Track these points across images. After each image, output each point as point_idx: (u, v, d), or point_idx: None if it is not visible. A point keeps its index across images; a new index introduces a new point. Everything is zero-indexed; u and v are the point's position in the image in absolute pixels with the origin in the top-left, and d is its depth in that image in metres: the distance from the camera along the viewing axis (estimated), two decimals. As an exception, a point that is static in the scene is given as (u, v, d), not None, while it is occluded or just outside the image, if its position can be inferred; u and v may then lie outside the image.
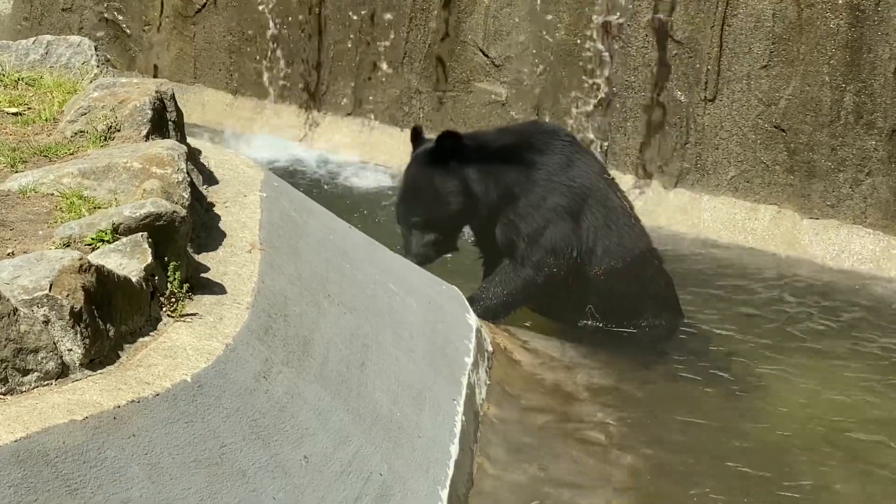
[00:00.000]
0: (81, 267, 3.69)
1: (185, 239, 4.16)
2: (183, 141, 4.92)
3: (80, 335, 3.65)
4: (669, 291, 6.70)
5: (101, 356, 3.71)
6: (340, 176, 9.10)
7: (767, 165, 8.26)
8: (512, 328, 6.27)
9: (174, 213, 4.08)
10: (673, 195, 8.52)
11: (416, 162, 6.49)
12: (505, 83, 8.95)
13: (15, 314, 3.54)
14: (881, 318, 7.25)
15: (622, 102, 8.62)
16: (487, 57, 8.98)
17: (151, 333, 3.91)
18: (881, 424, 5.98)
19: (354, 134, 9.46)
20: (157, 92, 4.91)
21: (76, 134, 4.82)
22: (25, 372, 3.55)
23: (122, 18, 10.20)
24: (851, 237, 8.02)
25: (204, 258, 4.39)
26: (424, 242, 6.37)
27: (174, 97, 4.99)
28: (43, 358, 3.57)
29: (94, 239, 4.02)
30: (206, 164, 5.06)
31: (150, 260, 3.96)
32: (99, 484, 3.34)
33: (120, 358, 3.76)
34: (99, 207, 4.26)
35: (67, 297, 3.64)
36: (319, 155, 9.38)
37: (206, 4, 9.92)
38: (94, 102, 4.87)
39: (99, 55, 5.73)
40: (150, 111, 4.82)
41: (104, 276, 3.76)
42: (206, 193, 4.82)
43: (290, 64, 9.66)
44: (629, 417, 5.79)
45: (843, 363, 6.60)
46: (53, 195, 4.38)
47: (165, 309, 4.02)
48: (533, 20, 8.77)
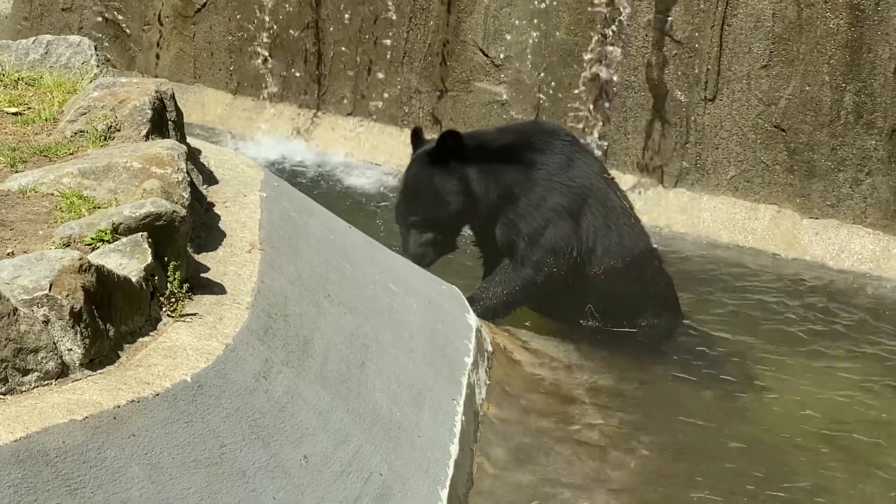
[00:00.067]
0: (81, 267, 3.69)
1: (184, 239, 4.16)
2: (183, 141, 4.92)
3: (79, 335, 3.64)
4: (669, 291, 6.70)
5: (100, 356, 3.71)
6: (340, 176, 9.09)
7: (767, 165, 8.26)
8: (512, 328, 6.27)
9: (174, 212, 4.08)
10: (673, 195, 8.51)
11: (416, 162, 6.49)
12: (505, 83, 8.95)
13: (15, 314, 3.54)
14: (881, 318, 7.25)
15: (622, 102, 8.61)
16: (487, 57, 8.98)
17: (151, 333, 3.91)
18: (881, 425, 5.98)
19: (354, 133, 9.46)
20: (156, 92, 4.91)
21: (76, 134, 4.82)
22: (25, 372, 3.54)
23: (121, 18, 10.20)
24: (851, 237, 8.02)
25: (204, 258, 4.39)
26: (422, 242, 6.37)
27: (174, 97, 4.99)
28: (43, 358, 3.57)
29: (93, 239, 4.02)
30: (205, 163, 5.05)
31: (149, 260, 3.96)
32: (99, 484, 3.34)
33: (120, 358, 3.76)
34: (99, 207, 4.26)
35: (67, 297, 3.64)
36: (319, 154, 9.38)
37: (205, 4, 9.92)
38: (93, 102, 4.87)
39: (99, 55, 5.72)
40: (149, 111, 4.82)
41: (104, 275, 3.76)
42: (205, 193, 4.82)
43: (290, 64, 9.66)
44: (629, 417, 5.79)
45: (842, 363, 6.59)
46: (53, 195, 4.37)
47: (165, 309, 4.02)
48: (533, 20, 8.77)
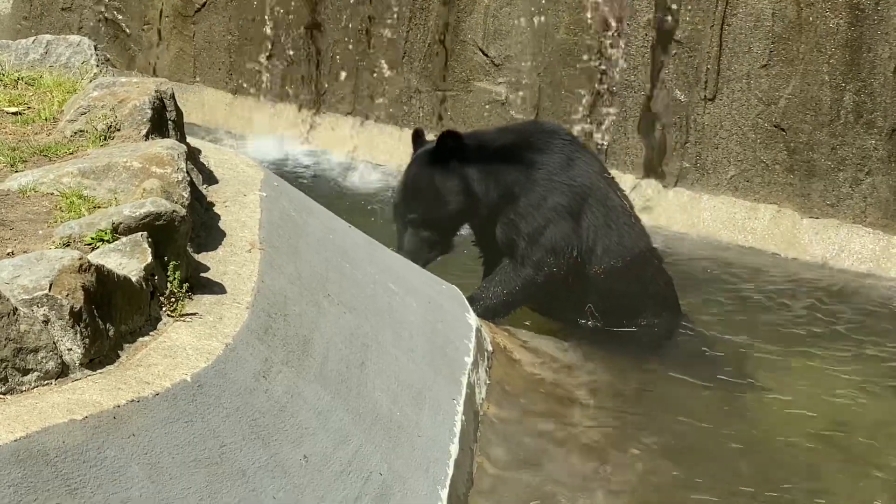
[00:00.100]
0: (81, 266, 3.69)
1: (184, 238, 4.16)
2: (182, 140, 4.92)
3: (79, 335, 3.64)
4: (669, 291, 6.70)
5: (100, 356, 3.71)
6: (340, 175, 9.09)
7: (767, 165, 8.25)
8: (512, 328, 6.27)
9: (174, 212, 4.08)
10: (673, 194, 8.51)
11: (416, 162, 6.49)
12: (504, 82, 8.95)
13: (15, 314, 3.54)
14: (881, 317, 7.25)
15: (622, 102, 8.61)
16: (487, 56, 8.98)
17: (151, 333, 3.91)
18: (880, 425, 5.98)
19: (354, 133, 9.46)
20: (156, 91, 4.91)
21: (76, 133, 4.82)
22: (25, 371, 3.54)
23: (121, 18, 10.20)
24: (851, 236, 8.02)
25: (204, 258, 4.38)
26: (419, 240, 6.36)
27: (174, 96, 4.99)
28: (43, 357, 3.57)
29: (93, 238, 4.02)
30: (205, 163, 5.05)
31: (149, 259, 3.96)
32: (99, 483, 3.34)
33: (120, 357, 3.76)
34: (99, 207, 4.26)
35: (67, 296, 3.63)
36: (319, 154, 9.38)
37: (205, 4, 9.92)
38: (93, 102, 4.87)
39: (98, 54, 5.72)
40: (149, 110, 4.82)
41: (104, 275, 3.76)
42: (205, 193, 4.82)
43: (289, 63, 9.66)
44: (628, 417, 5.79)
45: (842, 363, 6.59)
46: (53, 195, 4.37)
47: (165, 308, 4.02)
48: (533, 19, 8.76)
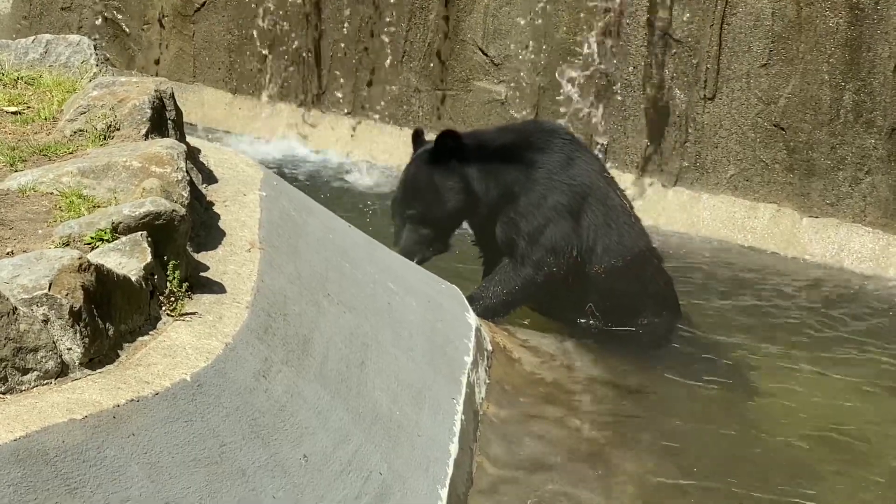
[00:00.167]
0: (81, 266, 3.69)
1: (184, 238, 4.16)
2: (182, 140, 4.92)
3: (79, 334, 3.64)
4: (669, 290, 6.70)
5: (100, 355, 3.71)
6: (340, 175, 9.09)
7: (767, 164, 8.25)
8: (511, 327, 6.27)
9: (173, 211, 4.08)
10: (672, 194, 8.51)
11: (415, 161, 6.49)
12: (504, 82, 8.95)
13: (14, 313, 3.54)
14: (881, 317, 7.25)
15: (622, 101, 8.61)
16: (487, 56, 8.98)
17: (151, 332, 3.91)
18: (880, 425, 5.98)
19: (354, 133, 9.46)
20: (156, 91, 4.91)
21: (75, 133, 4.81)
22: (25, 371, 3.54)
23: (121, 17, 10.20)
24: (851, 236, 8.02)
25: (203, 257, 4.38)
26: (416, 238, 6.35)
27: (173, 96, 4.99)
28: (42, 357, 3.57)
29: (93, 238, 4.02)
30: (205, 162, 5.05)
31: (149, 259, 3.96)
32: (98, 483, 3.34)
33: (119, 357, 3.76)
34: (98, 206, 4.26)
35: (67, 296, 3.63)
36: (319, 154, 9.38)
37: (205, 3, 9.92)
38: (93, 101, 4.86)
39: (98, 54, 5.72)
40: (149, 110, 4.81)
41: (104, 275, 3.76)
42: (205, 192, 4.82)
43: (289, 63, 9.66)
44: (628, 417, 5.79)
45: (841, 363, 6.59)
46: (53, 194, 4.37)
47: (165, 308, 4.02)
48: (532, 19, 8.76)
